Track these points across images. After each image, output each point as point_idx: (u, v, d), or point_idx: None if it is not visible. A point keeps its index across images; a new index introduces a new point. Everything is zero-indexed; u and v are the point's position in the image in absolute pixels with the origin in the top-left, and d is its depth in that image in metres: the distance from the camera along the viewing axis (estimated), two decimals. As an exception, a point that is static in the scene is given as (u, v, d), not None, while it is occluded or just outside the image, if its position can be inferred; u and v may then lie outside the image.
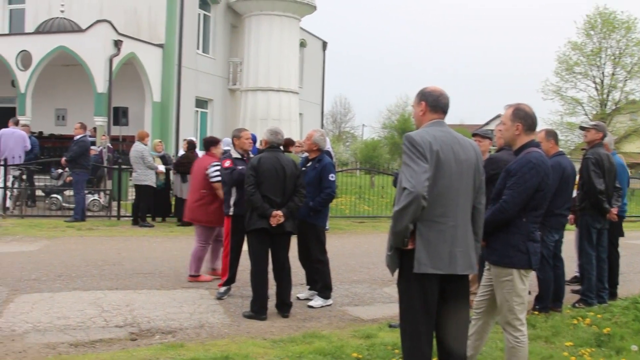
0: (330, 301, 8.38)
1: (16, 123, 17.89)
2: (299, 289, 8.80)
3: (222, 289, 8.57)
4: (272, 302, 7.74)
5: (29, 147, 17.30)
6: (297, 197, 7.64)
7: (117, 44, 21.80)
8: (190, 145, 16.21)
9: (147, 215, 15.92)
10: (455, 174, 4.37)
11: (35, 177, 18.22)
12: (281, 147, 8.07)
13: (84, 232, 14.21)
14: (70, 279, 9.29)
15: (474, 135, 8.02)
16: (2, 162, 16.22)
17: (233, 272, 8.56)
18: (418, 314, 4.36)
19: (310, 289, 8.63)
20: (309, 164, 8.49)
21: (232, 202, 8.36)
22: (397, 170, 12.29)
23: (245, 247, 8.12)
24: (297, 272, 8.79)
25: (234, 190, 8.31)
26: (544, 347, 6.46)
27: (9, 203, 16.52)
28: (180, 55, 24.95)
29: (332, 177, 8.30)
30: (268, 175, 7.51)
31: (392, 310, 7.89)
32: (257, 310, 7.52)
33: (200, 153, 16.85)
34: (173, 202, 16.74)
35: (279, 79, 27.44)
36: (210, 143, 9.98)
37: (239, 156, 8.57)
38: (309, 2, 27.85)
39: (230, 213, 8.42)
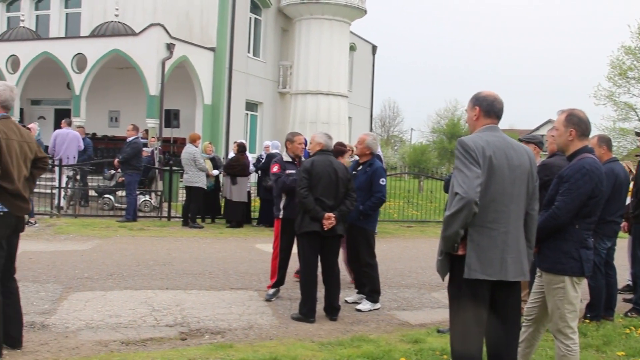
0: (378, 305, 8.36)
1: (69, 124, 18.26)
2: (347, 292, 8.81)
3: (271, 290, 8.61)
4: (320, 305, 7.76)
5: (82, 147, 17.64)
6: (348, 200, 7.66)
7: (170, 47, 22.08)
8: (241, 148, 16.35)
9: (197, 216, 16.09)
10: (508, 180, 4.32)
11: (89, 177, 18.57)
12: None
13: (135, 232, 14.43)
14: (122, 278, 9.45)
15: (520, 140, 7.93)
16: (57, 162, 16.57)
17: (282, 274, 8.60)
18: (468, 320, 4.33)
19: (358, 293, 8.63)
20: (359, 168, 8.50)
21: (282, 205, 8.43)
22: (447, 175, 12.21)
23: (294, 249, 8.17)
24: (345, 275, 8.79)
25: (284, 193, 8.40)
26: (595, 356, 6.36)
27: (63, 202, 16.86)
28: (231, 59, 25.17)
29: (382, 181, 8.29)
30: (321, 179, 7.54)
31: (441, 315, 7.84)
32: (306, 313, 7.54)
33: (249, 156, 17.04)
34: (222, 204, 16.90)
35: (328, 82, 27.52)
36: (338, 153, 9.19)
37: (290, 159, 8.62)
38: (359, 6, 27.86)
39: (280, 216, 8.48)
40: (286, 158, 8.67)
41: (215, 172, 16.38)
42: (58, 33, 28.24)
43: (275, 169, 8.52)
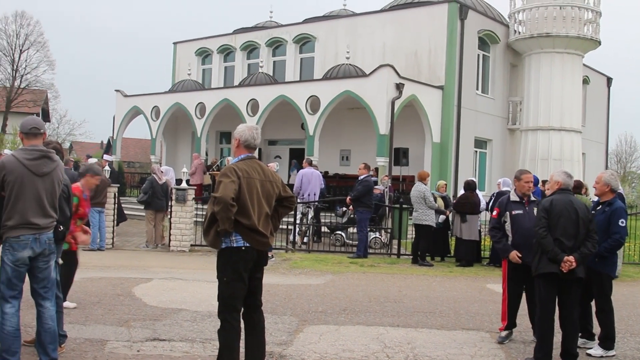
0: (612, 352, 7.80)
1: (310, 163, 19.15)
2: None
3: (503, 333, 8.38)
4: (556, 350, 7.41)
5: (323, 186, 18.48)
6: (589, 242, 7.27)
7: (399, 87, 22.46)
8: (470, 186, 16.18)
9: (427, 254, 16.09)
10: None
11: (322, 214, 19.27)
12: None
13: (366, 268, 14.70)
14: (354, 313, 9.65)
15: None
16: (302, 200, 17.46)
17: (513, 316, 8.34)
18: None
19: (581, 337, 8.11)
20: (598, 207, 8.09)
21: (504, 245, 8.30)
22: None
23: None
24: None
25: (509, 233, 8.20)
26: None
27: (297, 238, 17.64)
28: (459, 96, 25.09)
29: (622, 222, 7.81)
30: (560, 218, 7.25)
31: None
32: (542, 358, 7.22)
33: (479, 193, 16.80)
34: (452, 242, 16.77)
35: (560, 117, 26.53)
36: None
37: (517, 199, 8.38)
38: (592, 37, 26.66)
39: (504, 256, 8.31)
40: (513, 197, 8.43)
41: (442, 217, 16.39)
42: (293, 77, 29.87)
43: (494, 213, 8.48)
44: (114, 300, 9.95)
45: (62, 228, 6.61)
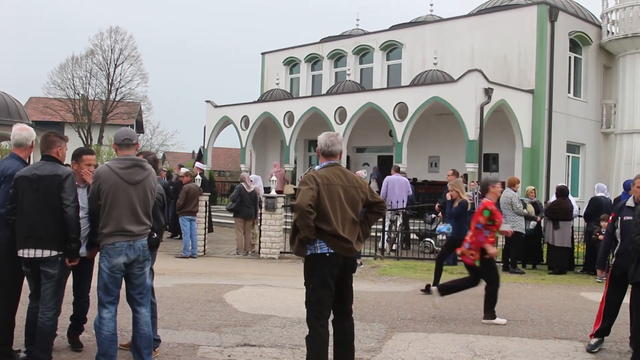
0: None
1: (397, 170, 19.14)
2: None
3: (593, 340, 8.14)
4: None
5: (411, 192, 18.45)
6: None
7: (488, 91, 22.18)
8: (562, 192, 15.85)
9: (518, 261, 15.82)
10: None
11: (410, 221, 19.22)
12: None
13: (456, 275, 14.53)
14: (444, 321, 9.61)
15: None
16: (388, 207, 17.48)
17: (607, 322, 8.09)
18: None
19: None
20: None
21: (614, 251, 8.07)
22: None
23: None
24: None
25: (618, 239, 8.02)
26: None
27: (386, 245, 17.64)
28: (550, 100, 24.55)
29: None
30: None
31: None
32: (639, 370, 7.04)
33: (572, 199, 16.43)
34: (545, 250, 16.44)
35: (657, 120, 25.64)
36: None
37: (632, 205, 8.10)
38: (693, 35, 25.67)
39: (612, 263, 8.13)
40: (629, 203, 8.15)
41: (533, 223, 16.07)
42: (380, 84, 29.88)
43: (610, 217, 8.34)
44: (206, 306, 10.21)
45: (155, 235, 6.85)
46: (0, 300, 6.72)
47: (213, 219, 22.30)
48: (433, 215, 18.41)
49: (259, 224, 17.52)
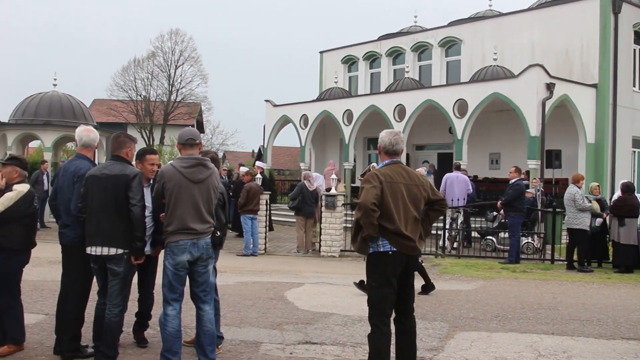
0: None
1: (458, 167, 18.99)
2: None
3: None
4: None
5: (471, 190, 18.26)
6: None
7: (550, 87, 21.79)
8: (628, 188, 15.48)
9: (584, 259, 15.51)
10: None
11: (472, 219, 19.03)
12: None
13: (518, 274, 14.38)
14: (507, 320, 9.49)
15: None
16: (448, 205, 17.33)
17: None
18: None
19: None
20: None
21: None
22: None
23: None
24: None
25: None
26: None
27: (447, 243, 17.51)
28: (615, 94, 23.98)
29: None
30: None
31: None
32: None
33: (638, 196, 16.02)
34: (610, 247, 16.08)
35: None
36: None
37: None
38: None
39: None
40: None
41: (599, 220, 15.73)
42: (440, 81, 29.66)
43: None
44: (267, 303, 10.30)
45: (219, 234, 6.94)
46: (73, 297, 6.94)
47: (273, 217, 22.44)
48: (495, 213, 18.20)
49: (319, 222, 17.59)
